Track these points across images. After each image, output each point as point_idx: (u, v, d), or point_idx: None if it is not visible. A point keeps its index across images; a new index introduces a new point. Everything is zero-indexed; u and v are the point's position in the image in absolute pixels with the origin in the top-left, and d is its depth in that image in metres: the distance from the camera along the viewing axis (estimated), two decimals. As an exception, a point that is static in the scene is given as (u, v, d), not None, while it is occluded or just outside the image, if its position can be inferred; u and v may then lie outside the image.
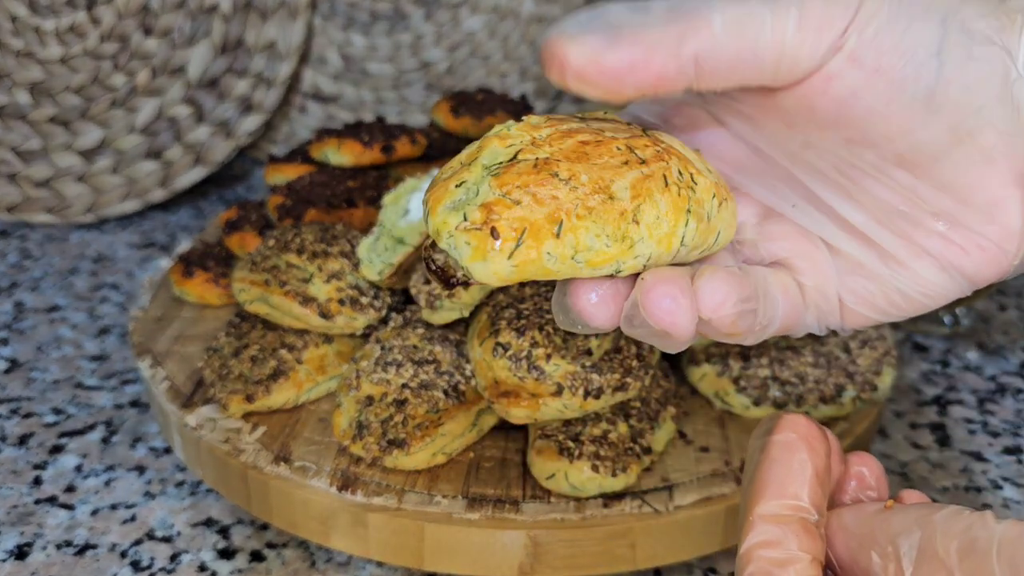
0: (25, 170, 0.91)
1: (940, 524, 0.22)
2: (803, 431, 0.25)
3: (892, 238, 0.26)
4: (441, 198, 0.22)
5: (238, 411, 0.48)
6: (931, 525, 0.22)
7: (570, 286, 0.24)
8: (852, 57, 0.23)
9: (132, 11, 0.92)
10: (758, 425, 0.27)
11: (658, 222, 0.23)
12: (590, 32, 0.20)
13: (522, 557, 0.42)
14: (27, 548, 0.48)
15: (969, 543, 0.21)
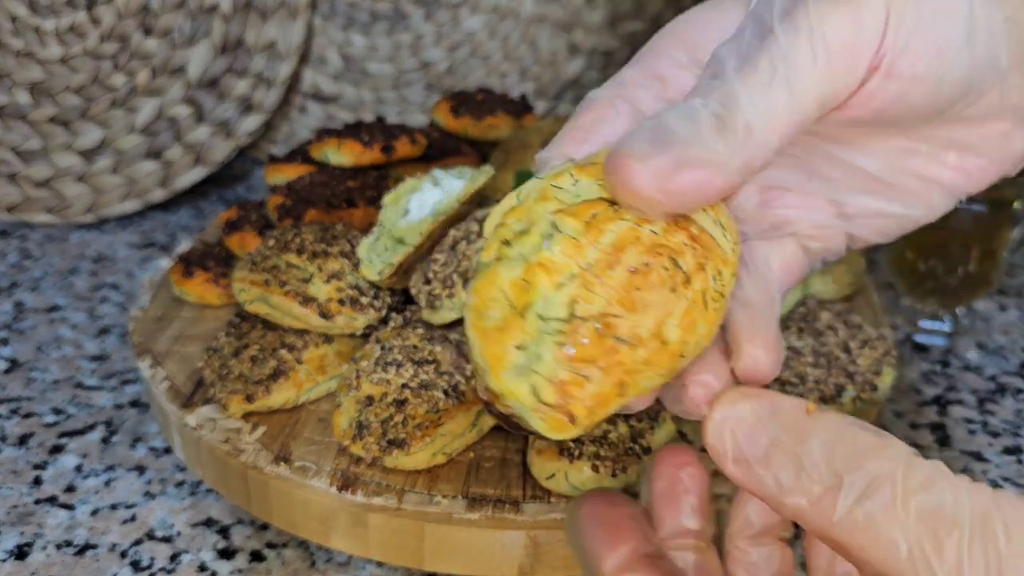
0: (25, 170, 0.91)
1: (901, 471, 0.19)
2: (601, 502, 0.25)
3: (907, 178, 0.26)
4: (501, 359, 0.22)
5: (238, 411, 0.48)
6: (885, 462, 0.19)
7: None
8: (888, 74, 0.23)
9: (132, 11, 0.92)
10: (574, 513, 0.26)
11: (698, 344, 0.23)
12: (654, 153, 0.21)
13: (522, 557, 0.42)
14: (27, 548, 0.48)
15: (934, 507, 0.18)
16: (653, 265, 0.22)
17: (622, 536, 0.24)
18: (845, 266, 0.63)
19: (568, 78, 1.04)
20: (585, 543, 0.25)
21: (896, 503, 0.19)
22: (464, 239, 0.47)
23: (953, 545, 0.18)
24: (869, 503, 0.19)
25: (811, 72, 0.22)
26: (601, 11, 1.02)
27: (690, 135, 0.21)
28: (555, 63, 1.03)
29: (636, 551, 0.24)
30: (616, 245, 0.22)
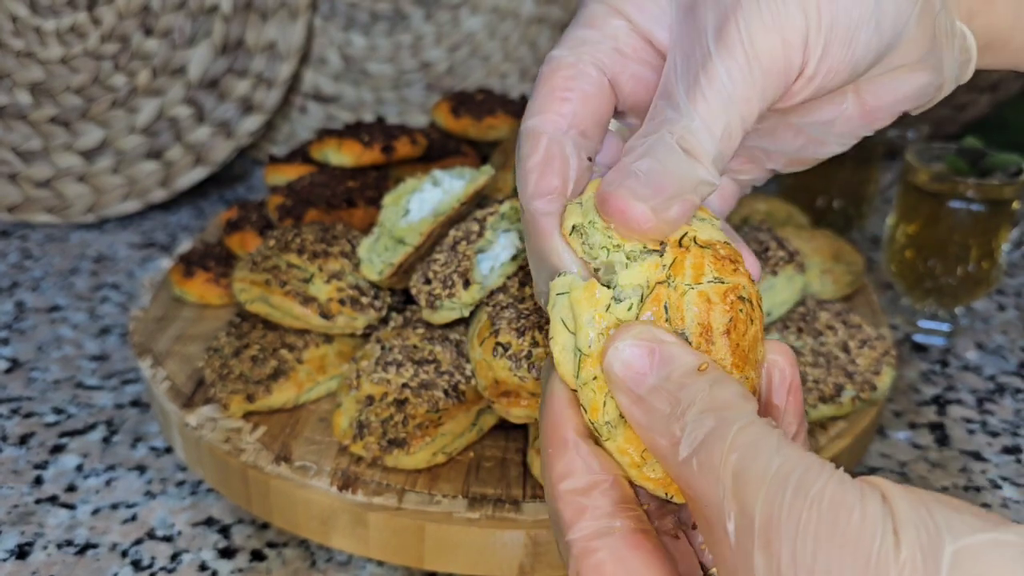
0: (26, 170, 0.92)
1: (724, 427, 0.21)
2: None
3: (827, 133, 0.31)
4: (639, 463, 0.25)
5: (238, 411, 0.49)
6: (724, 425, 0.21)
7: None
8: (810, 78, 0.26)
9: (133, 11, 0.92)
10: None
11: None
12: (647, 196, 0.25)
13: (522, 556, 0.42)
14: (28, 547, 0.48)
15: (744, 468, 0.20)
16: (735, 315, 0.25)
17: (577, 418, 0.26)
18: (844, 266, 0.63)
19: (568, 78, 1.04)
20: (546, 405, 0.27)
21: (720, 457, 0.20)
22: (464, 239, 0.47)
23: (749, 499, 0.19)
24: (703, 453, 0.21)
25: (753, 97, 0.25)
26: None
27: (670, 172, 0.25)
28: (555, 63, 1.03)
29: (587, 433, 0.26)
30: (700, 320, 0.24)
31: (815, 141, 0.31)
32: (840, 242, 0.67)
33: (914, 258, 0.68)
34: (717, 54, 0.25)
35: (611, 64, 0.28)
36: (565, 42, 0.29)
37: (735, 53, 0.25)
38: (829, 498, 0.19)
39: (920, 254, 0.68)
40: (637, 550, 0.23)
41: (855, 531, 0.18)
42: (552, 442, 0.25)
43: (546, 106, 0.28)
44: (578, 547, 0.23)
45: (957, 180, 0.64)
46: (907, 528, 0.18)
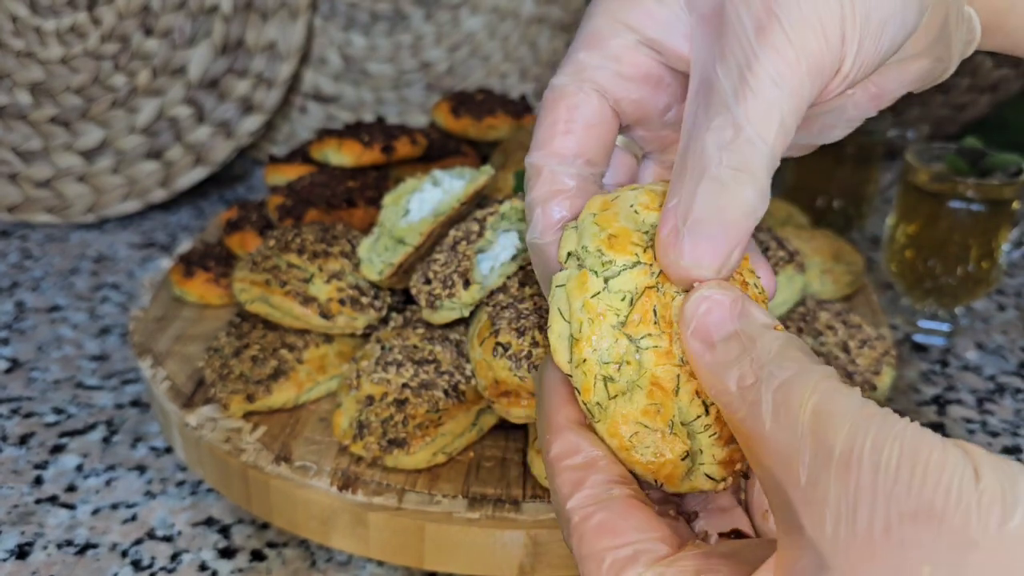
0: (26, 170, 0.92)
1: (805, 375, 0.21)
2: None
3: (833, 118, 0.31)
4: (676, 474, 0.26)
5: (239, 411, 0.49)
6: (805, 371, 0.21)
7: None
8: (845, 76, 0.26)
9: (133, 11, 0.92)
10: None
11: None
12: (711, 257, 0.24)
13: (522, 556, 0.42)
14: (28, 547, 0.48)
15: (825, 407, 0.20)
16: None
17: (571, 399, 0.27)
18: (844, 266, 0.63)
19: (568, 78, 1.04)
20: (544, 395, 0.27)
21: (801, 397, 0.21)
22: (464, 239, 0.47)
23: (829, 435, 0.19)
24: (780, 393, 0.21)
25: (801, 89, 0.24)
26: (601, 11, 1.02)
27: (728, 222, 0.24)
28: (555, 63, 1.03)
29: (580, 415, 0.26)
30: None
31: (826, 127, 0.31)
32: (840, 242, 0.67)
33: (914, 258, 0.68)
34: (763, 53, 0.24)
35: (613, 89, 0.28)
36: (566, 67, 0.28)
37: (783, 52, 0.24)
38: (911, 436, 0.19)
39: (920, 254, 0.68)
40: (635, 511, 0.24)
41: (937, 463, 0.18)
42: (550, 427, 0.26)
43: (548, 140, 0.28)
44: (578, 514, 0.24)
45: (957, 180, 0.64)
46: (986, 468, 0.18)
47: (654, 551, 0.23)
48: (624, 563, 0.23)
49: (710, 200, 0.24)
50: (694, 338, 0.24)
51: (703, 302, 0.24)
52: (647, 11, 0.27)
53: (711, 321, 0.24)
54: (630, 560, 0.23)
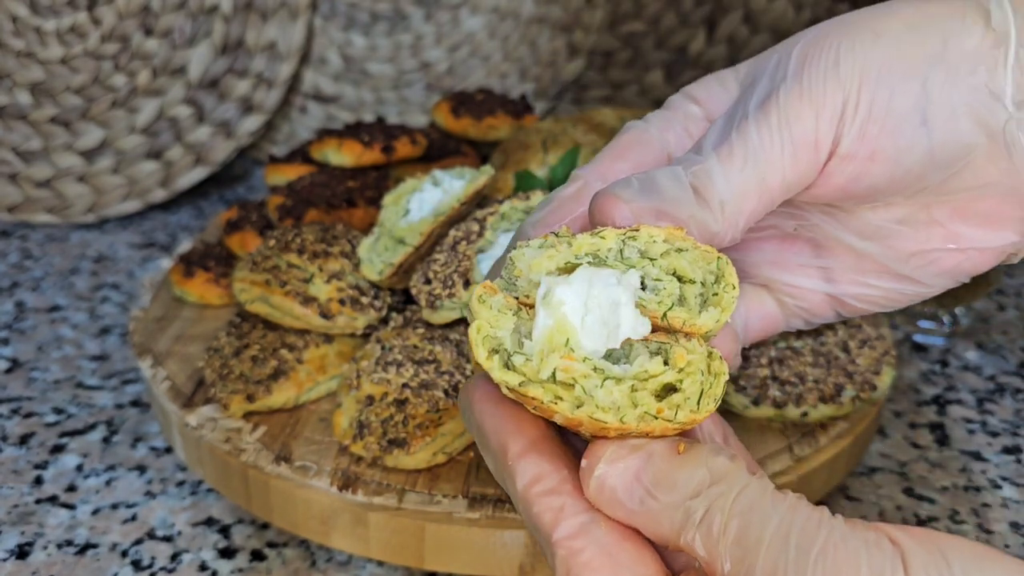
0: (26, 170, 0.92)
1: (720, 501, 0.22)
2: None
3: (898, 257, 0.29)
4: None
5: (239, 411, 0.49)
6: (720, 499, 0.22)
7: None
8: (845, 157, 0.26)
9: (133, 11, 0.92)
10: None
11: None
12: (639, 199, 0.25)
13: (522, 556, 0.42)
14: (28, 547, 0.48)
15: (743, 534, 0.21)
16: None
17: (524, 417, 0.25)
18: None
19: (568, 78, 1.04)
20: (486, 423, 0.26)
21: (719, 528, 0.21)
22: (464, 239, 0.47)
23: (757, 559, 0.20)
24: (703, 529, 0.22)
25: (779, 161, 0.25)
26: (601, 12, 1.02)
27: (673, 194, 0.25)
28: (555, 64, 1.03)
29: (540, 431, 0.25)
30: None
31: (901, 278, 0.30)
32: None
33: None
34: (752, 116, 0.26)
35: (675, 140, 0.30)
36: (646, 117, 0.31)
37: (769, 116, 0.26)
38: (832, 557, 0.19)
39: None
40: (625, 542, 0.23)
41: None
42: (507, 457, 0.25)
43: (601, 160, 0.30)
44: (564, 548, 0.23)
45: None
46: (917, 567, 0.18)
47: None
48: None
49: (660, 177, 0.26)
50: (614, 511, 0.23)
51: (600, 487, 0.23)
52: (709, 90, 0.30)
53: (617, 497, 0.23)
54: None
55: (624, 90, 1.06)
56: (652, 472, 0.23)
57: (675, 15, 1.03)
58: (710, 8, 1.03)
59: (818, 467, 0.46)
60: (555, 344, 0.23)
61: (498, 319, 0.24)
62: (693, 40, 1.04)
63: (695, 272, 0.24)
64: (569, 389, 0.23)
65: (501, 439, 0.25)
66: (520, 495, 0.25)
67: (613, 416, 0.23)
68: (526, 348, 0.23)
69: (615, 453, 0.23)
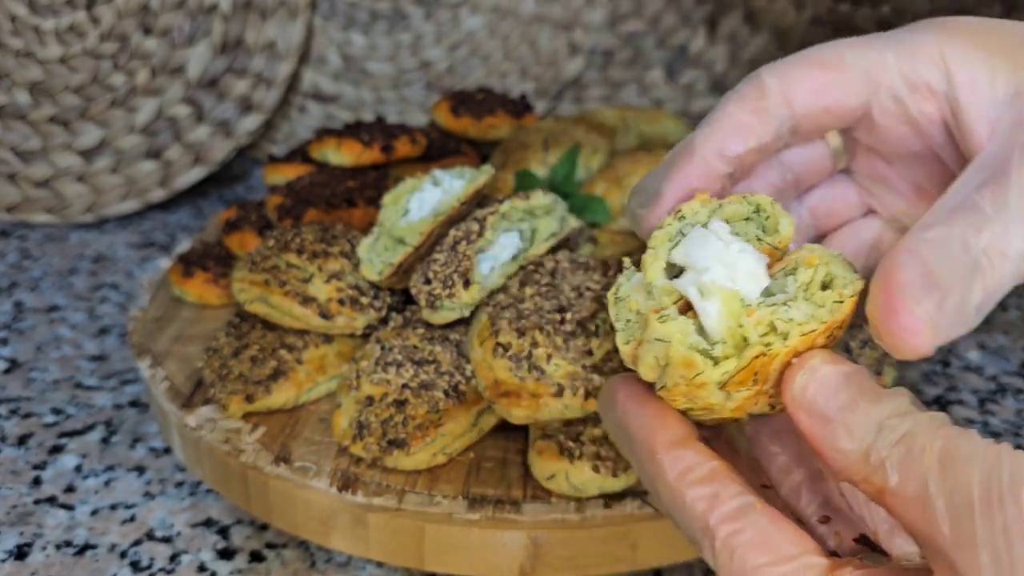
0: (25, 170, 0.91)
1: (923, 425, 0.21)
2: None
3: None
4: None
5: (238, 411, 0.48)
6: (915, 423, 0.22)
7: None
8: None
9: (132, 11, 0.92)
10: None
11: None
12: (932, 316, 0.23)
13: (523, 558, 0.42)
14: (27, 548, 0.48)
15: (950, 453, 0.21)
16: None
17: (670, 415, 0.26)
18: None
19: (568, 77, 1.04)
20: (631, 422, 0.26)
21: (922, 446, 0.21)
22: (464, 239, 0.47)
23: (971, 477, 0.20)
24: (902, 446, 0.21)
25: None
26: (601, 11, 1.02)
27: (957, 284, 0.23)
28: (555, 63, 1.03)
29: (686, 429, 0.26)
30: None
31: None
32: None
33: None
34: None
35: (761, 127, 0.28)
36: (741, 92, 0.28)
37: None
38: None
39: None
40: (781, 523, 0.23)
41: None
42: (655, 449, 0.25)
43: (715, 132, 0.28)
44: (724, 530, 0.23)
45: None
46: None
47: (817, 566, 0.23)
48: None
49: (957, 275, 0.23)
50: (806, 416, 0.24)
51: (809, 381, 0.24)
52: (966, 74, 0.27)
53: (819, 398, 0.23)
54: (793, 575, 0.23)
55: (624, 89, 1.06)
56: (858, 384, 0.23)
57: (675, 14, 1.03)
58: (710, 7, 1.02)
59: (819, 468, 0.46)
60: (734, 312, 0.24)
61: (679, 328, 0.25)
62: (693, 39, 1.03)
63: (745, 210, 0.27)
64: (771, 334, 0.24)
65: (648, 435, 0.26)
66: (671, 485, 0.25)
67: (816, 322, 0.24)
68: (711, 335, 0.25)
69: (823, 357, 0.24)
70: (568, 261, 0.48)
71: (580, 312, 0.44)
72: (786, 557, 0.23)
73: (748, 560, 0.23)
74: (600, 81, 1.05)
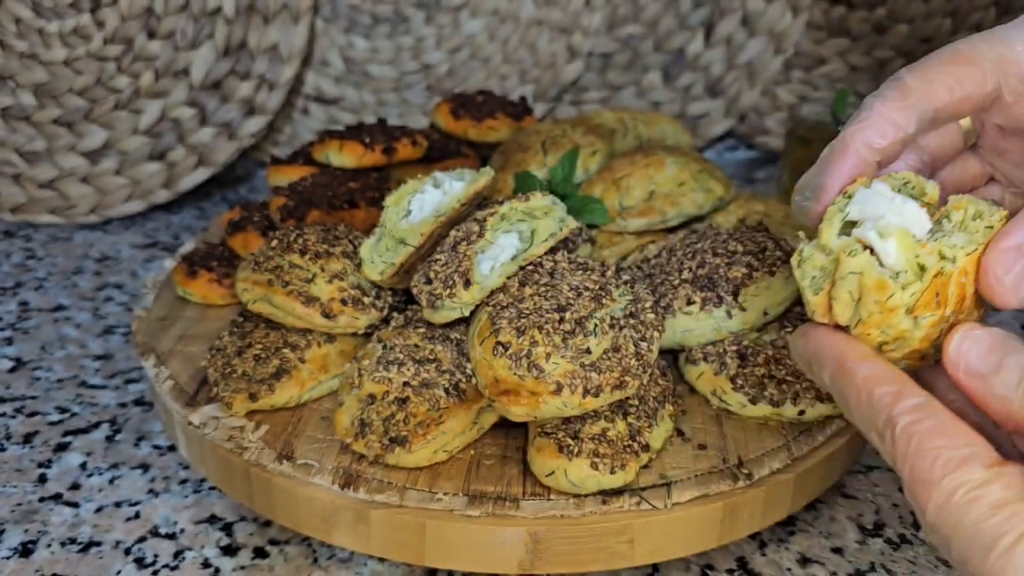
0: (29, 171, 0.92)
1: None
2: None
3: None
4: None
5: (241, 409, 0.49)
6: None
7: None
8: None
9: (136, 14, 0.93)
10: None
11: None
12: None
13: (522, 553, 0.42)
14: (32, 545, 0.49)
15: None
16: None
17: (859, 343, 0.30)
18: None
19: (567, 80, 1.04)
20: (824, 345, 0.31)
21: None
22: (464, 240, 0.48)
23: None
24: None
25: None
26: (600, 15, 1.02)
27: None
28: (554, 66, 1.04)
29: (872, 350, 0.30)
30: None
31: None
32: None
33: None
34: None
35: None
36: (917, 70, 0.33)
37: None
38: None
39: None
40: (960, 421, 0.27)
41: None
42: (848, 359, 0.30)
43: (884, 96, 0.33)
44: (906, 419, 0.27)
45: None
46: None
47: (987, 455, 0.25)
48: (960, 462, 0.25)
49: None
50: (964, 375, 0.28)
51: (965, 342, 0.28)
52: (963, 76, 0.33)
53: (975, 357, 0.28)
54: (966, 459, 0.25)
55: (622, 92, 1.06)
56: (1005, 344, 0.28)
57: (673, 18, 1.04)
58: (708, 11, 1.03)
59: (815, 465, 0.47)
60: (910, 246, 0.30)
61: (867, 259, 0.31)
62: (691, 42, 1.04)
63: (897, 184, 0.33)
64: (942, 260, 0.30)
65: (840, 352, 0.30)
66: (859, 386, 0.29)
67: (974, 244, 0.30)
68: (893, 268, 0.30)
69: (971, 327, 0.29)
70: (567, 261, 0.49)
71: (578, 311, 0.45)
72: (960, 443, 0.26)
73: (925, 443, 0.26)
74: (599, 84, 1.06)
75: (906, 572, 0.47)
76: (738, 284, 0.50)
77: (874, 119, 0.33)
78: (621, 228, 0.61)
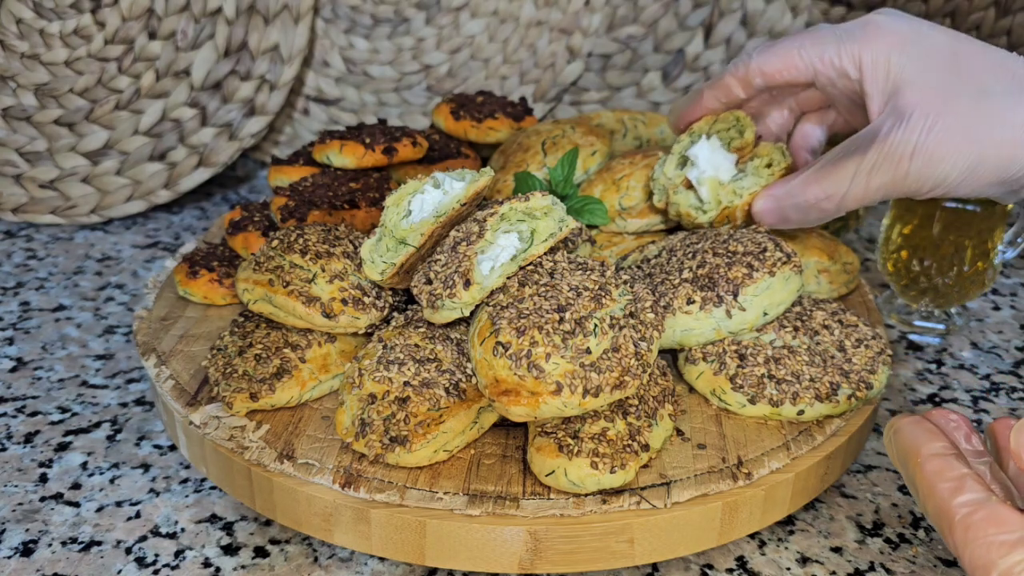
0: (31, 171, 0.92)
1: None
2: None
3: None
4: None
5: (242, 409, 0.49)
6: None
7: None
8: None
9: (137, 14, 0.93)
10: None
11: None
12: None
13: (522, 552, 0.43)
14: (33, 545, 0.49)
15: None
16: None
17: (939, 435, 0.34)
18: (840, 266, 0.64)
19: (567, 81, 1.04)
20: (905, 440, 0.34)
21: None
22: (464, 240, 0.48)
23: None
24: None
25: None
26: (599, 15, 1.03)
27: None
28: (554, 66, 1.04)
29: (951, 446, 0.33)
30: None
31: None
32: (836, 242, 0.67)
33: (909, 259, 0.69)
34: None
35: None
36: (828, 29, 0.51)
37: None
38: None
39: (915, 254, 0.69)
40: (1013, 511, 0.30)
41: None
42: (922, 453, 0.33)
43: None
44: (964, 510, 0.30)
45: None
46: None
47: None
48: (1014, 544, 0.29)
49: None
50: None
51: (1021, 434, 0.32)
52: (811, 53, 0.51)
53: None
54: (1018, 543, 0.28)
55: (622, 92, 1.06)
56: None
57: (673, 18, 1.04)
58: (707, 11, 1.03)
59: (814, 465, 0.47)
60: (715, 188, 0.55)
61: (684, 197, 0.57)
62: (690, 43, 1.04)
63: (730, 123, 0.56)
64: (734, 196, 0.55)
65: (915, 445, 0.34)
66: (927, 479, 0.32)
67: (757, 187, 0.54)
68: (704, 202, 0.56)
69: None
70: (566, 261, 0.49)
71: (578, 311, 0.45)
72: (1013, 528, 0.29)
73: (980, 532, 0.29)
74: (598, 84, 1.06)
75: (905, 572, 0.48)
76: (738, 284, 0.51)
77: (721, 83, 0.54)
78: (621, 228, 0.62)
